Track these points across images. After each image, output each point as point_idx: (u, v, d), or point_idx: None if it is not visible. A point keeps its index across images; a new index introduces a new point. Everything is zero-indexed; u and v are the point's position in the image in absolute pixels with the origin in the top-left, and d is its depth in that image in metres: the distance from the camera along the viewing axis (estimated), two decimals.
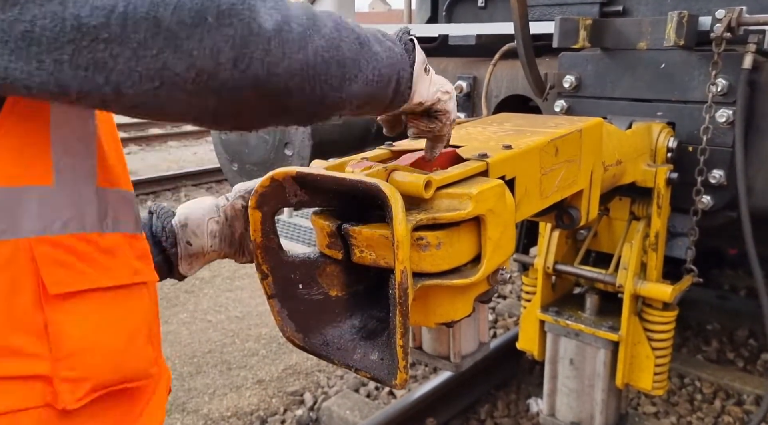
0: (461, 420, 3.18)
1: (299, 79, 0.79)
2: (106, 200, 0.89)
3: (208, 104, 0.74)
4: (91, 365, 0.84)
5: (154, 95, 0.71)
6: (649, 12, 2.47)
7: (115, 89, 0.69)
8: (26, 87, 0.68)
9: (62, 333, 0.81)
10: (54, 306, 0.81)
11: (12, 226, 0.77)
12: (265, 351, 3.96)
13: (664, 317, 2.15)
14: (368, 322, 1.12)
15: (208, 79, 0.71)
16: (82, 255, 0.84)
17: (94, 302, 0.85)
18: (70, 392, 0.82)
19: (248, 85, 0.74)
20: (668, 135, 2.04)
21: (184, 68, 0.70)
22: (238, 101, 0.76)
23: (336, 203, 1.12)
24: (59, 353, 0.81)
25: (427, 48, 2.92)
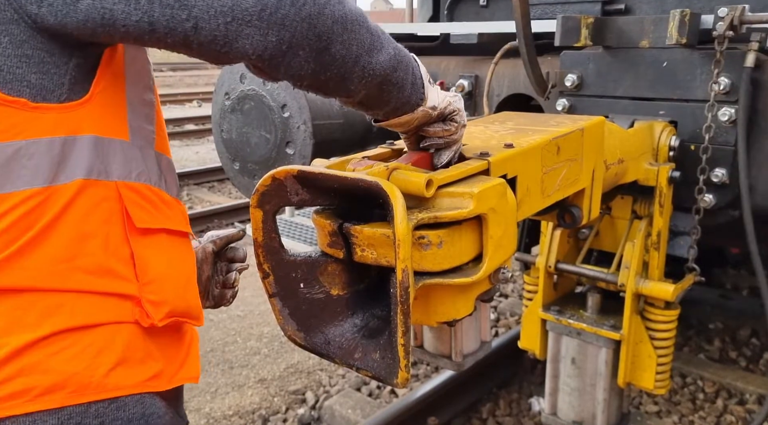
0: (463, 419, 3.18)
1: (340, 26, 0.91)
2: (161, 163, 1.05)
3: (268, 39, 0.85)
4: (167, 292, 0.99)
5: (226, 29, 0.83)
6: (651, 10, 2.47)
7: (194, 24, 0.82)
8: (124, 25, 0.82)
9: (145, 262, 0.97)
10: (137, 240, 0.96)
11: (106, 170, 0.94)
12: (267, 350, 3.96)
13: (666, 316, 2.15)
14: (370, 321, 1.12)
15: (270, 14, 0.83)
16: (152, 202, 1.00)
17: (165, 241, 1.02)
18: (154, 312, 0.97)
19: (303, 19, 0.86)
20: (670, 133, 2.04)
21: (252, 3, 0.83)
22: (293, 37, 0.87)
23: (337, 202, 1.12)
24: (144, 278, 0.96)
25: (428, 47, 2.94)
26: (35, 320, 0.87)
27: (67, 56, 0.89)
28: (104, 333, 0.92)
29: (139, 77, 1.01)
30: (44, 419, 0.86)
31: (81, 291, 0.91)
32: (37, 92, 0.87)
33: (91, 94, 0.92)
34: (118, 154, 0.95)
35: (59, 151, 0.89)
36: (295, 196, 1.09)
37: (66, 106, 0.89)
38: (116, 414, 0.92)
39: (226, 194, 8.11)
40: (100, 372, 0.90)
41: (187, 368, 1.06)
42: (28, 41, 0.85)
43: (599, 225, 2.33)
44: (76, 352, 0.89)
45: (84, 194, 0.91)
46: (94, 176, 0.92)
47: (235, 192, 7.88)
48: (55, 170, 0.89)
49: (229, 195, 8.02)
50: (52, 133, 0.88)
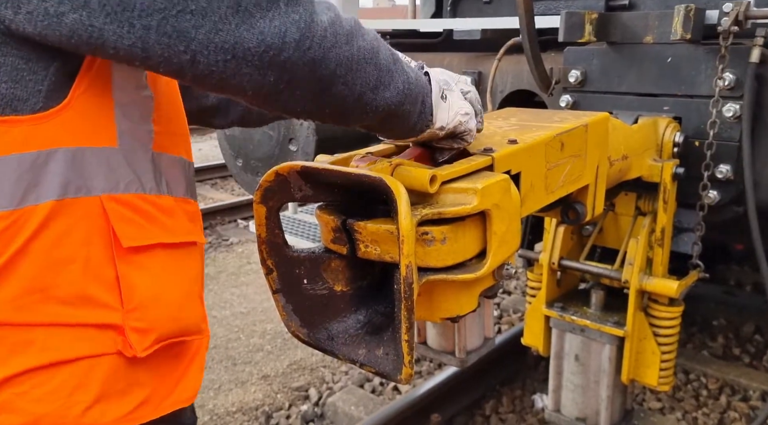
0: (466, 416, 3.18)
1: (344, 69, 0.88)
2: (160, 164, 0.98)
3: (267, 79, 0.82)
4: (156, 317, 0.92)
5: (224, 66, 0.79)
6: (655, 6, 2.46)
7: (192, 57, 0.77)
8: (114, 48, 0.76)
9: (132, 285, 0.89)
10: (124, 260, 0.89)
11: (86, 185, 0.86)
12: (270, 346, 3.97)
13: (670, 312, 2.15)
14: (373, 317, 1.12)
15: (273, 56, 0.80)
16: (144, 213, 0.93)
17: (158, 258, 0.94)
18: (138, 342, 0.90)
19: (306, 64, 0.83)
20: (674, 130, 2.03)
21: (255, 44, 0.79)
22: (293, 79, 0.84)
23: (341, 198, 1.12)
24: (129, 304, 0.89)
25: (431, 43, 2.93)
26: (2, 357, 0.82)
27: (47, 61, 0.81)
28: (80, 368, 0.86)
29: (130, 73, 0.91)
30: None
31: (54, 324, 0.84)
32: (7, 104, 0.79)
33: (70, 99, 0.84)
34: (102, 165, 0.87)
35: (29, 169, 0.81)
36: (298, 192, 1.09)
37: (39, 117, 0.81)
38: None
39: (229, 191, 8.12)
40: (74, 412, 0.85)
41: (183, 388, 1.01)
42: (1, 48, 0.78)
43: (603, 222, 2.33)
44: (47, 391, 0.84)
45: (59, 215, 0.84)
46: (71, 194, 0.84)
47: (238, 189, 7.89)
48: (23, 190, 0.81)
49: (231, 192, 8.03)
50: (22, 149, 0.80)
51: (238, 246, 5.72)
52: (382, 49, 0.96)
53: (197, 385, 1.04)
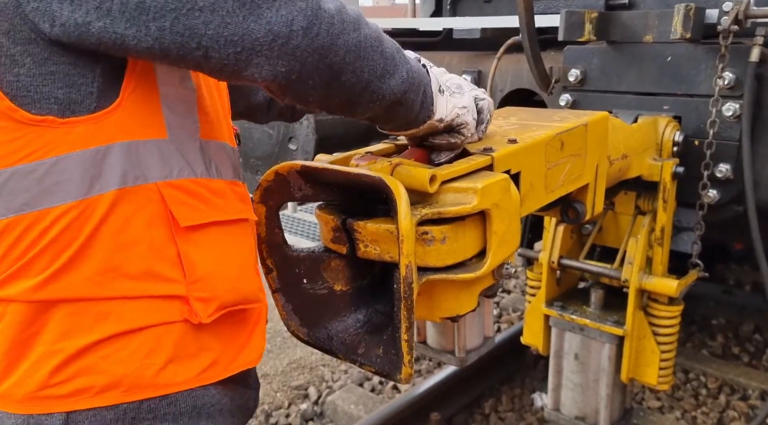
0: (466, 415, 3.18)
1: (353, 55, 0.91)
2: (209, 150, 1.04)
3: (278, 69, 0.85)
4: (216, 287, 1.00)
5: (236, 59, 0.83)
6: (655, 5, 2.45)
7: (204, 53, 0.82)
8: (136, 50, 0.83)
9: (192, 261, 0.98)
10: (183, 239, 0.97)
11: (143, 173, 0.94)
12: (270, 345, 3.97)
13: (670, 312, 2.15)
14: (373, 317, 1.12)
15: (282, 45, 0.83)
16: (198, 196, 1.00)
17: (213, 235, 1.01)
18: (203, 310, 0.98)
19: (315, 51, 0.86)
20: (674, 129, 2.03)
21: (263, 34, 0.82)
22: (303, 67, 0.86)
23: (340, 197, 1.12)
24: (192, 277, 0.98)
25: (431, 42, 2.93)
26: (88, 326, 0.93)
27: (93, 64, 0.89)
28: (152, 334, 0.96)
29: (173, 69, 0.98)
30: (103, 413, 0.94)
31: (127, 298, 0.94)
32: (66, 107, 0.88)
33: (121, 99, 0.92)
34: (155, 155, 0.95)
35: (91, 163, 0.90)
36: (298, 191, 1.09)
37: (96, 117, 0.90)
38: (168, 409, 0.97)
39: None
40: (150, 372, 0.95)
41: (248, 351, 1.09)
42: (51, 58, 0.86)
43: (603, 221, 2.33)
44: (126, 355, 0.94)
45: (122, 202, 0.93)
46: (130, 183, 0.93)
47: None
48: (88, 183, 0.91)
49: None
50: (84, 146, 0.90)
51: None
52: (386, 39, 0.98)
53: (261, 349, 1.12)
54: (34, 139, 0.88)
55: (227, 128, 1.13)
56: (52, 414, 0.92)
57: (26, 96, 0.87)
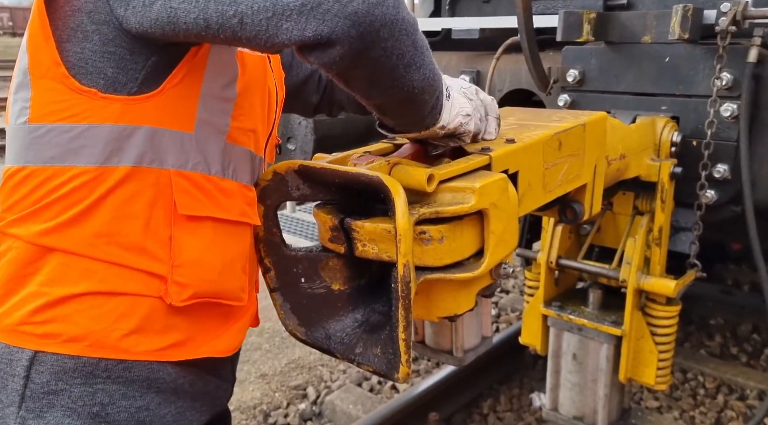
0: (464, 415, 3.18)
1: (387, 31, 0.89)
2: (231, 153, 1.10)
3: (305, 34, 0.86)
4: (196, 276, 1.06)
5: (267, 24, 0.86)
6: (653, 5, 2.46)
7: (240, 20, 0.87)
8: (185, 23, 0.90)
9: (182, 246, 1.04)
10: (179, 225, 1.04)
11: (159, 158, 1.02)
12: (268, 345, 3.97)
13: (668, 312, 2.15)
14: (371, 316, 1.12)
15: (311, 9, 0.84)
16: (205, 191, 1.07)
17: (209, 228, 1.07)
18: (177, 293, 1.04)
19: (346, 17, 0.85)
20: (672, 129, 2.03)
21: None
22: (332, 32, 0.86)
23: (339, 197, 1.12)
24: (177, 261, 1.04)
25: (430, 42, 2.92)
26: (73, 279, 1.01)
27: (147, 55, 0.98)
28: (126, 302, 1.03)
29: (220, 74, 1.07)
30: (65, 361, 1.00)
31: (113, 263, 1.02)
32: (110, 84, 0.98)
33: (163, 89, 1.01)
34: (176, 145, 1.03)
35: (117, 137, 0.99)
36: (296, 190, 1.09)
37: (133, 99, 0.99)
38: (122, 373, 1.03)
39: None
40: (115, 335, 1.02)
41: (219, 342, 1.13)
42: (114, 40, 0.97)
43: (601, 221, 2.33)
44: (98, 314, 1.01)
45: (132, 179, 1.01)
46: (145, 164, 1.01)
47: None
48: (109, 153, 0.99)
49: None
50: (115, 121, 0.99)
51: None
52: (420, 32, 0.98)
53: (234, 344, 1.17)
54: (76, 104, 0.98)
55: (256, 139, 1.18)
56: (23, 349, 1.00)
57: (83, 67, 0.97)
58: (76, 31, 0.97)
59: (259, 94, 1.17)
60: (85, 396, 1.01)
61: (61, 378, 1.00)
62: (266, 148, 1.25)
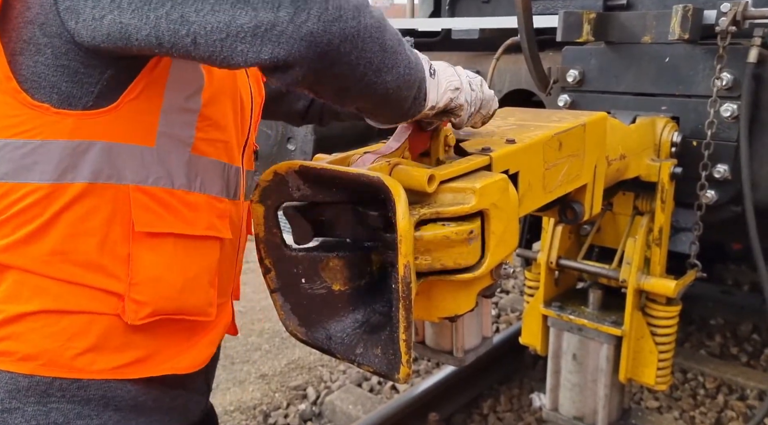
0: (464, 415, 3.18)
1: (349, 45, 0.86)
2: (197, 165, 1.08)
3: (261, 57, 0.83)
4: (155, 294, 1.03)
5: (221, 45, 0.83)
6: (653, 6, 2.46)
7: (193, 40, 0.84)
8: (137, 39, 0.87)
9: (140, 263, 1.02)
10: (138, 242, 1.01)
11: (117, 174, 0.99)
12: (268, 345, 3.97)
13: (668, 312, 2.15)
14: (371, 317, 1.12)
15: (265, 31, 0.81)
16: (167, 205, 1.04)
17: (170, 244, 1.05)
18: (134, 311, 1.02)
19: (301, 38, 0.82)
20: (672, 129, 2.03)
21: (247, 20, 0.81)
22: (288, 55, 0.83)
23: (339, 197, 1.11)
24: (134, 279, 1.02)
25: (430, 42, 2.93)
26: (27, 297, 0.99)
27: (102, 68, 0.95)
28: (81, 320, 1.00)
29: (183, 86, 1.04)
30: (19, 379, 0.99)
31: (68, 281, 1.00)
32: (64, 99, 0.95)
33: (120, 102, 0.98)
34: (135, 160, 1.00)
35: (70, 154, 0.96)
36: (296, 191, 1.09)
37: (88, 114, 0.96)
38: (77, 392, 1.02)
39: None
40: (68, 354, 1.00)
41: (183, 358, 1.11)
42: (68, 53, 0.94)
43: (601, 221, 2.33)
44: (52, 332, 0.99)
45: (88, 195, 0.98)
46: (102, 180, 0.99)
47: None
48: (62, 169, 0.97)
49: None
50: (69, 137, 0.96)
51: None
52: (389, 29, 0.94)
53: (201, 359, 1.15)
54: (29, 119, 0.95)
55: (228, 149, 1.15)
56: None
57: (36, 81, 0.94)
58: (29, 44, 0.93)
59: (230, 102, 1.13)
60: (39, 415, 0.99)
61: (15, 396, 0.99)
62: (243, 157, 1.22)
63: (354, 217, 1.08)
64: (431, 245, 1.03)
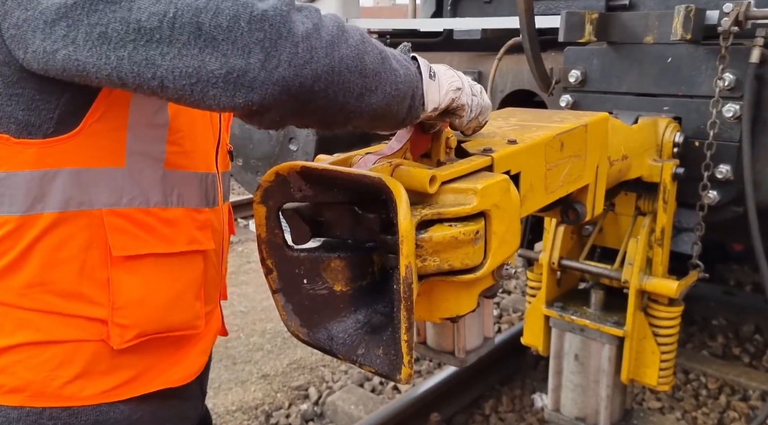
0: (466, 416, 3.18)
1: (324, 83, 0.84)
2: (172, 180, 1.05)
3: (235, 101, 0.81)
4: (140, 316, 1.02)
5: (191, 90, 0.80)
6: (655, 6, 2.46)
7: (160, 83, 0.80)
8: (97, 78, 0.83)
9: (121, 287, 1.00)
10: (117, 266, 1.00)
11: (89, 199, 0.97)
12: (270, 345, 3.97)
13: (670, 312, 2.15)
14: (373, 317, 1.12)
15: (237, 77, 0.79)
16: (144, 226, 1.02)
17: (150, 265, 1.03)
18: (119, 336, 1.01)
19: (274, 83, 0.80)
20: (674, 130, 2.03)
21: (218, 66, 0.78)
22: (263, 99, 0.81)
23: (341, 197, 1.11)
24: (117, 303, 1.00)
25: (432, 42, 2.93)
26: (9, 330, 0.98)
27: (59, 92, 0.91)
28: (66, 349, 0.99)
29: (148, 101, 1.00)
30: (8, 411, 0.98)
31: (49, 312, 0.98)
32: (23, 128, 0.92)
33: (83, 126, 0.94)
34: (106, 183, 0.98)
35: (37, 184, 0.94)
36: (298, 192, 1.09)
37: (50, 141, 0.93)
38: (68, 419, 1.01)
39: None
40: (56, 383, 0.99)
41: (175, 371, 1.10)
42: (19, 82, 0.90)
43: (603, 222, 2.33)
44: (36, 363, 0.98)
45: (61, 224, 0.96)
46: (72, 207, 0.96)
47: (238, 188, 7.89)
48: (31, 201, 0.94)
49: (232, 192, 8.03)
50: (33, 167, 0.93)
51: (238, 246, 5.72)
52: (369, 51, 0.91)
53: (194, 369, 1.14)
54: None
55: (206, 158, 1.13)
56: None
57: None
58: None
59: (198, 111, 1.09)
60: None
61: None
62: (217, 161, 1.21)
63: (354, 218, 1.08)
64: (440, 246, 1.03)
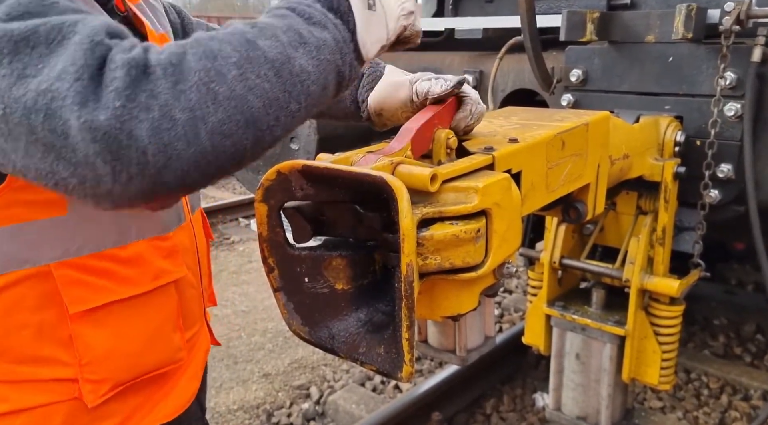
0: (467, 415, 3.18)
1: (203, 167, 0.70)
2: (126, 215, 0.95)
3: (103, 205, 0.70)
4: (112, 368, 0.95)
5: (64, 192, 0.69)
6: (656, 5, 2.45)
7: (64, 189, 0.69)
8: (12, 170, 0.72)
9: (86, 342, 0.92)
10: (77, 322, 0.91)
11: (33, 256, 0.88)
12: (271, 345, 3.97)
13: (671, 312, 2.15)
14: (374, 316, 1.12)
15: (93, 188, 0.67)
16: (100, 272, 0.93)
17: (115, 313, 0.95)
18: (92, 392, 0.94)
19: (134, 196, 0.68)
20: (676, 129, 2.03)
21: (68, 174, 0.67)
22: (130, 205, 0.70)
23: (341, 197, 1.12)
24: (83, 360, 0.93)
25: (433, 42, 2.93)
26: None
27: None
28: (38, 414, 0.92)
29: None
30: None
31: (11, 382, 0.91)
32: None
33: (9, 180, 0.84)
34: (49, 235, 0.89)
35: None
36: (299, 190, 1.09)
37: None
38: None
39: (230, 189, 8.12)
40: None
41: (164, 405, 1.05)
42: None
43: (604, 221, 2.33)
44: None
45: (8, 287, 0.88)
46: (15, 268, 0.88)
47: (240, 187, 7.90)
48: None
49: (233, 191, 8.03)
50: None
51: (239, 245, 5.72)
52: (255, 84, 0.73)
53: (185, 399, 1.08)
54: None
55: None
56: None
57: None
58: None
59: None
60: None
61: None
62: None
63: (355, 217, 1.08)
64: (441, 245, 1.03)
